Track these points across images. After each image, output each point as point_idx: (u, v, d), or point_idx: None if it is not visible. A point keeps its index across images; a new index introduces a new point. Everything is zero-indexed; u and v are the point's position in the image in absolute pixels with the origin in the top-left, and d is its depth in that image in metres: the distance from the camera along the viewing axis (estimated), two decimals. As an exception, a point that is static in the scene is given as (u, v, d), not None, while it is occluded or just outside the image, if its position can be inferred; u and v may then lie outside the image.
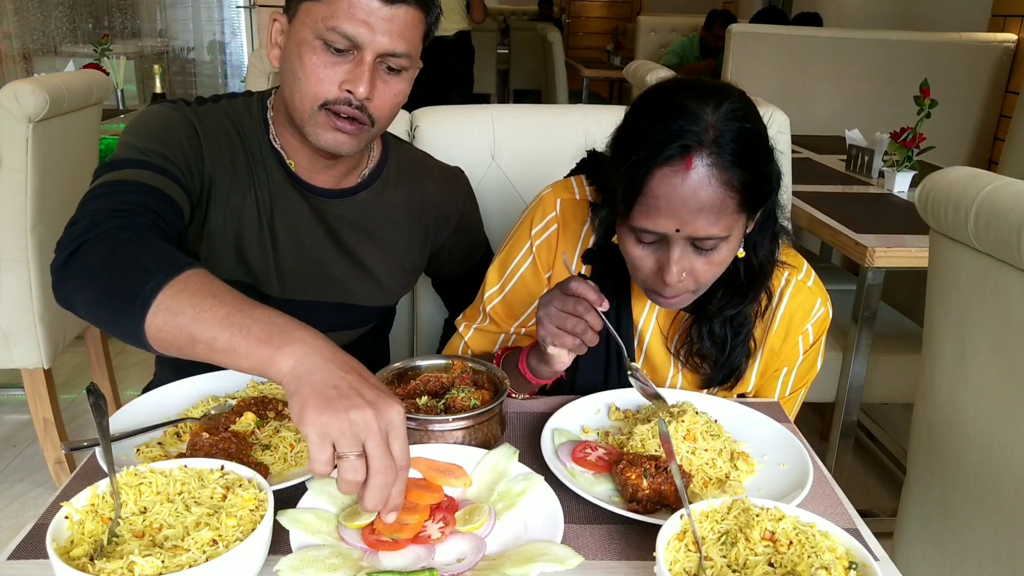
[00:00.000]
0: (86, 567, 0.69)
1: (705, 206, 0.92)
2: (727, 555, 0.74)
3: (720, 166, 0.92)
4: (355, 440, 0.73)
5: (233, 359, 0.79)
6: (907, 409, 1.45)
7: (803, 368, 1.19)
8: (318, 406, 0.73)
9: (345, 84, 1.08)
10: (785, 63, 3.56)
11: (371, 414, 0.73)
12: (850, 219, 2.00)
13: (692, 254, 0.98)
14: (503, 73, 8.33)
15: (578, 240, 1.18)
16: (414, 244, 1.35)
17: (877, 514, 2.11)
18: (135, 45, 4.97)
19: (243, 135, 1.20)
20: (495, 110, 1.75)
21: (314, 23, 1.06)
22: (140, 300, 0.83)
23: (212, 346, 0.80)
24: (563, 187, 1.20)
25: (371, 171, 1.28)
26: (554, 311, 0.99)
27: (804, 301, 1.14)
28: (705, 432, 0.99)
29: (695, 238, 0.95)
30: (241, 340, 0.79)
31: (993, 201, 1.07)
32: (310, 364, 0.76)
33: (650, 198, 0.94)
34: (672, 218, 0.93)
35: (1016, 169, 3.17)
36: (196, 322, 0.81)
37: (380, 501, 0.75)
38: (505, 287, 1.23)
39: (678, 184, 0.92)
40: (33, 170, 1.92)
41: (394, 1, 1.05)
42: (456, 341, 1.30)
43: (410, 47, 1.10)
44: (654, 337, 1.19)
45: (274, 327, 0.79)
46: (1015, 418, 1.08)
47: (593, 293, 0.96)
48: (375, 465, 0.74)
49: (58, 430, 2.17)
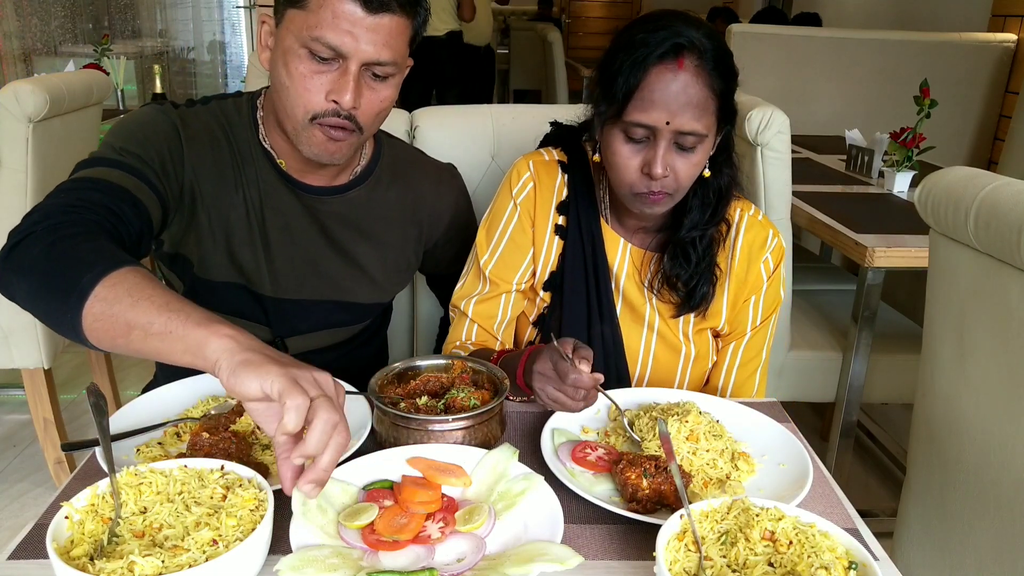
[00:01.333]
0: (86, 567, 0.69)
1: (692, 101, 1.06)
2: (727, 555, 0.74)
3: (706, 69, 1.06)
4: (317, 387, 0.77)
5: (168, 342, 0.80)
6: (907, 409, 1.45)
7: (769, 295, 1.27)
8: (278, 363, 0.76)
9: (331, 94, 1.07)
10: (785, 63, 3.56)
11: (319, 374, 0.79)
12: (850, 219, 2.00)
13: (675, 152, 1.09)
14: (503, 73, 8.33)
15: (552, 193, 1.28)
16: (408, 241, 1.35)
17: (877, 514, 2.10)
18: (135, 45, 4.97)
19: (232, 136, 1.20)
20: (495, 110, 1.75)
21: (299, 31, 1.05)
22: (78, 291, 0.85)
23: (147, 331, 0.81)
24: (533, 154, 1.32)
25: (363, 168, 1.29)
26: (552, 392, 1.03)
27: (758, 233, 1.26)
28: (708, 432, 0.99)
29: (681, 132, 1.07)
30: (178, 323, 0.80)
31: (993, 201, 1.07)
32: (250, 343, 0.79)
33: (645, 92, 1.07)
34: (664, 110, 1.06)
35: (1016, 169, 3.18)
36: (132, 309, 0.82)
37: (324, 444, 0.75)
38: (498, 247, 1.29)
39: (671, 79, 1.06)
40: (33, 170, 1.92)
41: (378, 10, 1.04)
42: (460, 322, 1.32)
43: (396, 55, 1.09)
44: (628, 278, 1.27)
45: (209, 316, 0.82)
46: (1015, 418, 1.08)
47: (591, 381, 1.00)
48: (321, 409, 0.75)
49: (58, 430, 2.16)
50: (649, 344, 1.28)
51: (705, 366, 1.31)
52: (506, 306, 1.30)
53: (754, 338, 1.29)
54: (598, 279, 1.26)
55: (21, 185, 1.92)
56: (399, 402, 1.02)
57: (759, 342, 1.29)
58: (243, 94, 1.26)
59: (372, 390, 1.02)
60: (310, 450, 0.74)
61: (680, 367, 1.28)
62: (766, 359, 1.31)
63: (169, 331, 0.80)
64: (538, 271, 1.29)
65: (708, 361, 1.31)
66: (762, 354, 1.30)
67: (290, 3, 1.07)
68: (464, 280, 1.33)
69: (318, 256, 1.26)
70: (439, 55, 5.07)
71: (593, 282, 1.26)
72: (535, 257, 1.29)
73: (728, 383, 1.30)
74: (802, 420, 2.54)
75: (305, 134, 1.11)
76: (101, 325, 0.84)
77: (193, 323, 0.80)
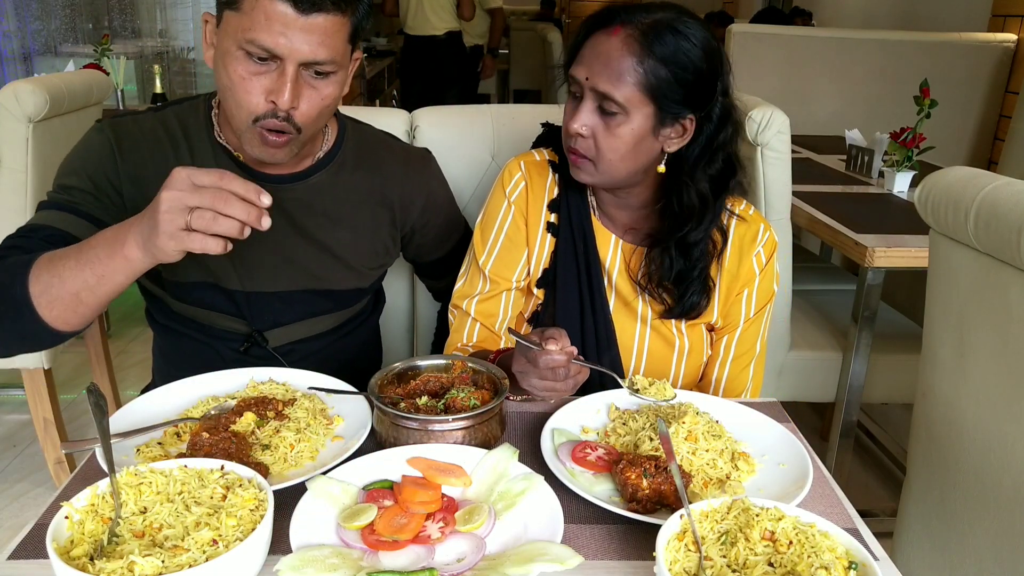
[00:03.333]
0: (86, 567, 0.69)
1: (612, 64, 1.10)
2: (727, 555, 0.74)
3: (638, 42, 1.10)
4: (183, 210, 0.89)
5: (108, 282, 0.97)
6: (907, 409, 1.46)
7: (761, 288, 1.28)
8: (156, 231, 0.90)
9: (270, 95, 1.07)
10: (785, 63, 3.55)
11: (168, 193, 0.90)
12: (850, 219, 2.00)
13: (597, 115, 1.13)
14: (503, 73, 8.33)
15: (544, 192, 1.30)
16: (381, 225, 1.35)
17: (877, 514, 2.10)
18: (135, 45, 4.97)
19: (187, 137, 1.22)
20: (495, 110, 1.75)
21: (235, 33, 1.05)
22: (20, 302, 0.98)
23: (89, 287, 0.97)
24: (524, 155, 1.34)
25: (326, 153, 1.29)
26: (536, 382, 1.04)
27: (749, 227, 1.27)
28: (707, 433, 0.99)
29: (596, 90, 1.11)
30: (99, 266, 0.96)
31: (993, 201, 1.07)
32: (140, 228, 0.93)
33: (581, 50, 1.14)
34: (585, 67, 1.13)
35: (1016, 169, 3.17)
36: (63, 282, 0.97)
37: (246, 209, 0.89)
38: (495, 246, 1.30)
39: (602, 41, 1.12)
40: (33, 170, 1.92)
41: (309, 11, 1.04)
42: (462, 322, 1.32)
43: (333, 53, 1.08)
44: (620, 274, 1.29)
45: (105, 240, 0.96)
46: (1015, 418, 1.08)
47: (563, 357, 1.00)
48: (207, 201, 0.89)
49: (58, 430, 2.17)
50: (643, 338, 1.28)
51: (699, 359, 1.31)
52: (507, 304, 1.31)
53: (747, 331, 1.29)
54: (590, 275, 1.27)
55: (21, 185, 1.92)
56: (399, 402, 1.02)
57: (752, 335, 1.30)
58: (201, 95, 1.27)
59: (372, 390, 1.02)
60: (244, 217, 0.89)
61: (674, 360, 1.29)
62: (761, 352, 1.32)
63: (101, 275, 0.96)
64: (532, 268, 1.30)
65: (702, 355, 1.31)
66: (756, 347, 1.30)
67: (226, 5, 1.07)
68: (463, 280, 1.33)
69: (287, 246, 1.27)
70: (439, 55, 5.07)
71: (586, 278, 1.28)
72: (528, 254, 1.30)
73: (722, 376, 1.31)
74: (802, 420, 2.55)
75: (247, 136, 1.12)
76: (59, 312, 0.99)
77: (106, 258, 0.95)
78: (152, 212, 0.90)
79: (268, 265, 1.26)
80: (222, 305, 1.27)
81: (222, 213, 0.88)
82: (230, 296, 1.27)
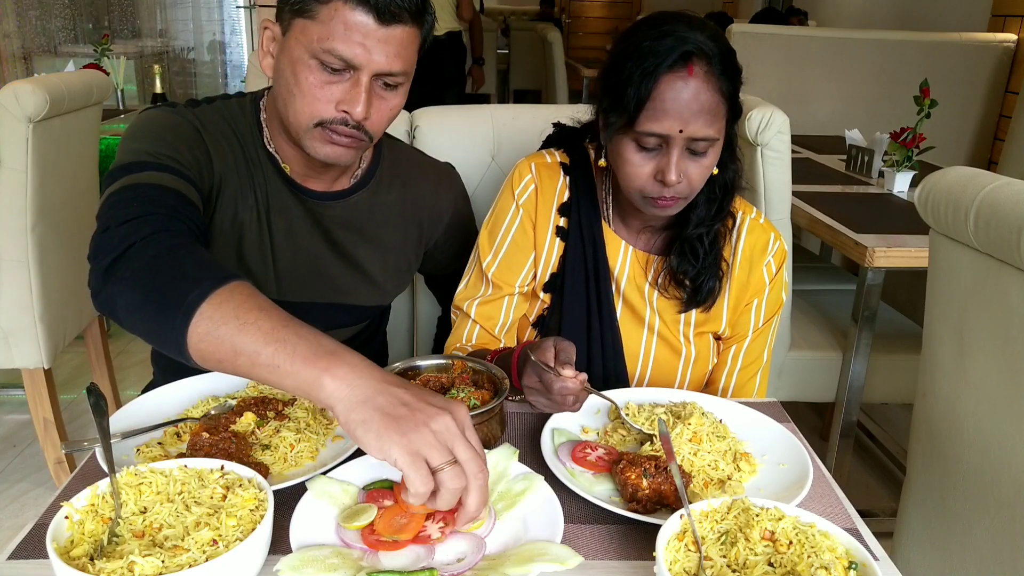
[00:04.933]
0: (86, 567, 0.69)
1: (704, 107, 1.06)
2: (727, 555, 0.74)
3: (714, 73, 1.07)
4: (444, 450, 0.73)
5: (276, 376, 0.78)
6: (907, 409, 1.46)
7: (771, 298, 1.28)
8: (398, 428, 0.73)
9: (342, 104, 1.06)
10: (785, 63, 3.55)
11: (449, 419, 0.74)
12: (850, 219, 2.00)
13: (687, 158, 1.10)
14: (503, 73, 8.33)
15: (554, 195, 1.28)
16: (409, 242, 1.35)
17: (877, 514, 2.10)
18: (135, 45, 4.97)
19: (240, 136, 1.20)
20: (495, 110, 1.75)
21: (309, 42, 1.04)
22: (184, 308, 0.82)
23: (255, 360, 0.78)
24: (534, 156, 1.32)
25: (364, 172, 1.28)
26: (544, 402, 1.04)
27: (760, 236, 1.27)
28: (711, 434, 0.99)
29: (695, 138, 1.07)
30: (285, 358, 0.77)
31: (993, 201, 1.07)
32: (367, 387, 0.76)
33: (657, 102, 1.07)
34: (677, 119, 1.06)
35: (1016, 169, 3.17)
36: (240, 333, 0.79)
37: (482, 500, 0.76)
38: (500, 249, 1.29)
39: (682, 88, 1.06)
40: (33, 170, 1.92)
41: (390, 22, 1.03)
42: (462, 323, 1.32)
43: (406, 64, 1.08)
44: (629, 281, 1.27)
45: (320, 347, 0.78)
46: (1015, 418, 1.08)
47: (576, 384, 1.00)
48: (469, 468, 0.74)
49: (58, 430, 2.17)
50: (649, 346, 1.28)
51: (705, 368, 1.30)
52: (508, 309, 1.30)
53: (755, 341, 1.29)
54: (599, 281, 1.26)
55: (21, 185, 1.92)
56: (399, 402, 1.02)
57: (760, 345, 1.30)
58: (244, 95, 1.25)
59: (372, 390, 1.02)
60: (472, 511, 0.76)
61: (680, 369, 1.28)
62: (767, 361, 1.31)
63: (276, 365, 0.77)
64: (539, 273, 1.29)
65: (708, 364, 1.31)
66: (763, 357, 1.30)
67: (298, 12, 1.05)
68: (466, 281, 1.33)
69: (320, 259, 1.26)
70: (439, 55, 5.07)
71: (593, 284, 1.26)
72: (536, 258, 1.29)
73: (729, 385, 1.30)
74: (802, 420, 2.55)
75: (309, 136, 1.10)
76: (207, 346, 0.82)
77: (300, 359, 0.77)
78: (394, 411, 0.74)
79: (301, 277, 1.26)
80: None
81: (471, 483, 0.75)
82: None
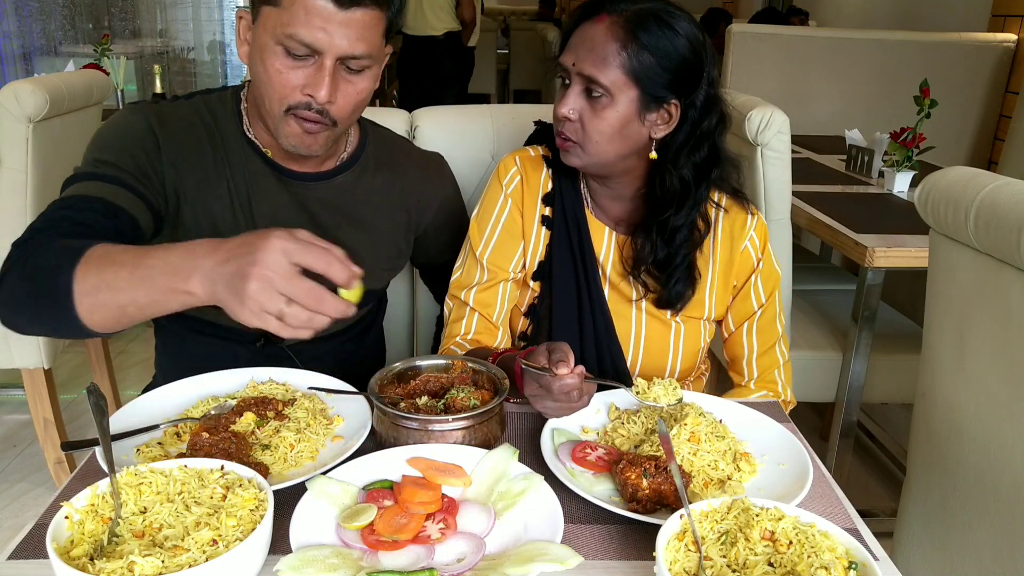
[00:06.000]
0: (86, 567, 0.69)
1: (597, 49, 1.14)
2: (727, 555, 0.74)
3: (622, 28, 1.14)
4: (272, 300, 0.79)
5: (160, 308, 0.87)
6: (907, 409, 1.46)
7: (766, 272, 1.31)
8: (239, 301, 0.80)
9: (306, 88, 1.09)
10: (785, 63, 3.55)
11: (260, 273, 0.79)
12: (850, 219, 2.00)
13: (584, 99, 1.17)
14: (503, 73, 8.34)
15: (538, 185, 1.33)
16: (398, 228, 1.36)
17: (877, 514, 2.11)
18: (135, 45, 4.97)
19: (217, 128, 1.22)
20: (495, 110, 1.75)
21: (273, 29, 1.06)
22: (61, 297, 0.89)
23: (139, 305, 0.88)
24: (519, 151, 1.37)
25: (350, 155, 1.30)
26: (551, 404, 1.04)
27: (736, 216, 1.30)
28: (710, 434, 0.99)
29: (583, 75, 1.15)
30: (155, 291, 0.86)
31: (993, 201, 1.07)
32: (214, 277, 0.83)
33: (569, 38, 1.19)
34: (572, 53, 1.17)
35: (1016, 169, 3.17)
36: (112, 292, 0.88)
37: (338, 306, 0.81)
38: (492, 236, 1.32)
39: (587, 28, 1.16)
40: (33, 170, 1.92)
41: (349, 6, 1.05)
42: (459, 312, 1.33)
43: (370, 47, 1.09)
44: (614, 265, 1.31)
45: (168, 266, 0.85)
46: (1015, 418, 1.08)
47: (575, 379, 1.00)
48: (302, 301, 0.79)
49: (58, 430, 2.16)
50: (640, 323, 1.31)
51: (696, 343, 1.33)
52: (503, 296, 1.32)
53: (764, 320, 1.32)
54: (586, 267, 1.29)
55: (21, 185, 1.92)
56: (399, 402, 1.02)
57: (771, 322, 1.32)
58: (228, 88, 1.28)
59: (372, 390, 1.02)
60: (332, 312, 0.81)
61: (672, 341, 1.31)
62: (783, 332, 1.34)
63: (154, 300, 0.86)
64: (527, 261, 1.32)
65: (700, 340, 1.33)
66: (777, 330, 1.33)
67: (264, 0, 1.08)
68: (460, 271, 1.35)
69: None
70: (438, 55, 5.07)
71: (581, 269, 1.30)
72: (524, 247, 1.32)
73: (753, 371, 1.33)
74: (802, 420, 2.54)
75: (282, 125, 1.13)
76: (99, 317, 0.90)
77: (165, 287, 0.85)
78: (237, 276, 0.80)
79: None
80: None
81: (316, 311, 0.80)
82: None
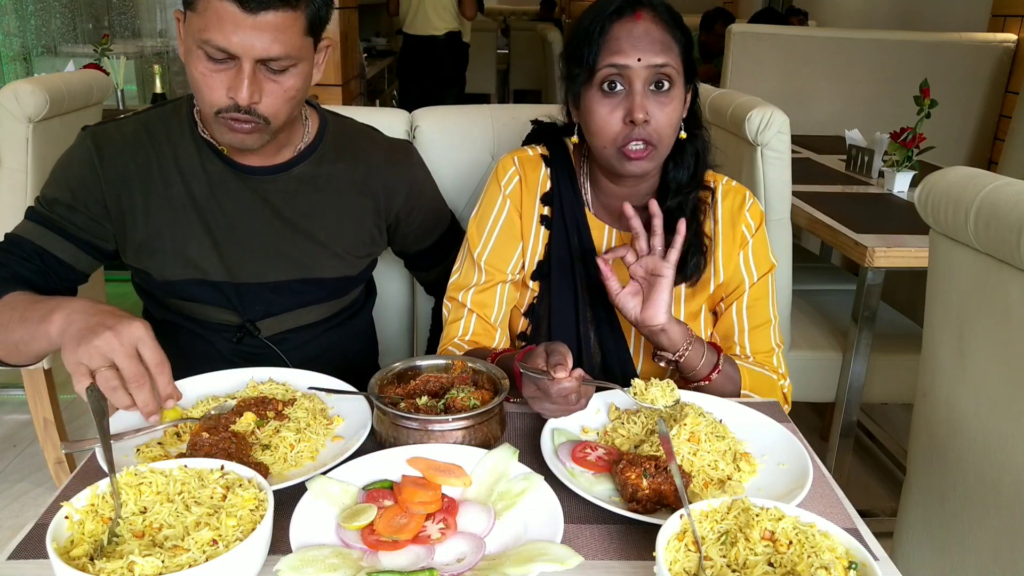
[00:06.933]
0: (86, 567, 0.69)
1: (657, 39, 1.14)
2: (727, 555, 0.74)
3: (662, 18, 1.16)
4: (102, 359, 0.91)
5: (34, 345, 1.03)
6: (907, 409, 1.46)
7: (757, 252, 1.31)
8: (73, 347, 0.92)
9: (230, 92, 1.10)
10: (785, 63, 3.55)
11: (110, 335, 0.91)
12: (850, 219, 2.00)
13: (651, 96, 1.15)
14: (503, 73, 8.34)
15: (537, 185, 1.33)
16: (366, 213, 1.36)
17: (877, 514, 2.11)
18: (135, 45, 4.96)
19: (170, 137, 1.25)
20: (495, 110, 1.75)
21: (194, 33, 1.08)
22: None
23: (24, 342, 1.04)
24: (517, 151, 1.37)
25: (307, 145, 1.31)
26: (550, 407, 1.03)
27: (735, 196, 1.31)
28: (710, 434, 0.99)
29: (653, 65, 1.13)
30: (31, 329, 1.02)
31: (993, 201, 1.07)
32: (69, 320, 0.96)
33: (612, 42, 1.14)
34: (633, 49, 1.13)
35: (1016, 169, 3.17)
36: (6, 331, 1.06)
37: (147, 400, 0.92)
38: (490, 237, 1.32)
39: (633, 27, 1.14)
40: (33, 170, 1.92)
41: (256, 10, 1.05)
42: (457, 314, 1.33)
43: (288, 48, 1.09)
44: (616, 264, 1.27)
45: (46, 310, 1.00)
46: (1015, 418, 1.08)
47: (573, 383, 1.00)
48: (126, 373, 0.91)
49: (58, 430, 2.17)
50: None
51: (697, 330, 1.31)
52: (501, 297, 1.32)
53: (756, 301, 1.30)
54: (586, 265, 1.29)
55: (21, 185, 1.92)
56: (399, 402, 1.02)
57: (763, 306, 1.31)
58: (184, 96, 1.30)
59: (372, 390, 1.02)
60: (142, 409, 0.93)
61: None
62: (776, 319, 1.33)
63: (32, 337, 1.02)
64: (526, 261, 1.32)
65: (701, 333, 1.32)
66: (770, 315, 1.32)
67: (186, 5, 1.10)
68: (459, 273, 1.34)
69: (274, 236, 1.29)
70: (439, 55, 5.08)
71: (580, 267, 1.29)
72: (523, 248, 1.32)
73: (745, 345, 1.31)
74: (802, 420, 2.55)
75: (214, 127, 1.15)
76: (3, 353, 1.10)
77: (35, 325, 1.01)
78: (88, 329, 0.93)
79: (256, 256, 1.28)
80: (212, 298, 1.29)
81: (127, 389, 0.92)
82: (219, 288, 1.29)
